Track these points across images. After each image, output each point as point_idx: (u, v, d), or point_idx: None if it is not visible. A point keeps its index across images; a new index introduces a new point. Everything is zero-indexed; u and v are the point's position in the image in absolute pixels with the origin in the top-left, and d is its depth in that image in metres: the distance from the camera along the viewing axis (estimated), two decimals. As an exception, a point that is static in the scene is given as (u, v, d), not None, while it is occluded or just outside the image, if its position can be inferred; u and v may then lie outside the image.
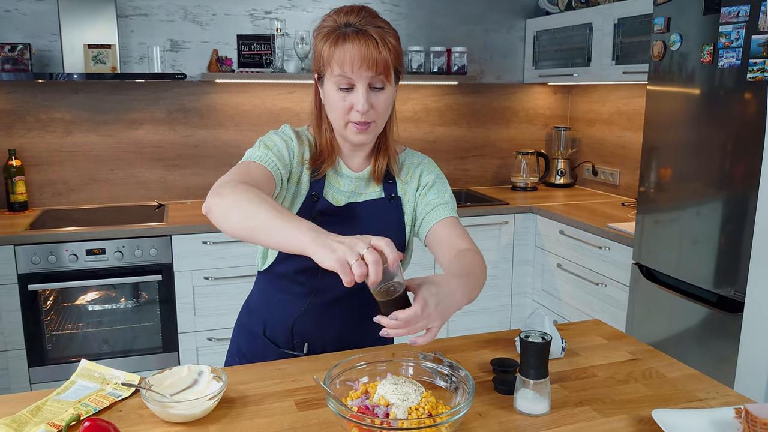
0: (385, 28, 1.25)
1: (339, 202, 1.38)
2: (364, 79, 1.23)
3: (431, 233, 1.39)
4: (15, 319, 2.73)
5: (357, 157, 1.40)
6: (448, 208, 1.41)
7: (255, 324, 1.48)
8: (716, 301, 2.26)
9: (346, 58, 1.21)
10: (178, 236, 2.88)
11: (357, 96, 1.24)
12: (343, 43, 1.22)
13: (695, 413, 1.09)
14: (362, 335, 1.44)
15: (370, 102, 1.25)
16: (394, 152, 1.41)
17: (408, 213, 1.43)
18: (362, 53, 1.20)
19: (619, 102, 3.60)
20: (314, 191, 1.35)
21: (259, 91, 3.46)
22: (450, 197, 1.44)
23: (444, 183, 1.47)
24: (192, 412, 1.11)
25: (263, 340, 1.46)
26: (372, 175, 1.40)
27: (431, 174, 1.46)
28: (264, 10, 3.40)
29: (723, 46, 2.10)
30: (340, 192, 1.38)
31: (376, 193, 1.41)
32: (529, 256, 3.46)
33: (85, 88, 3.22)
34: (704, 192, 2.27)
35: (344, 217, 1.37)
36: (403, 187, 1.43)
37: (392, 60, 1.25)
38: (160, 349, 2.97)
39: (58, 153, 3.24)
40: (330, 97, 1.27)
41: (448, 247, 1.32)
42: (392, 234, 1.39)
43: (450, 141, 3.88)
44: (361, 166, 1.40)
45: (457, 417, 1.00)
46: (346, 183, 1.39)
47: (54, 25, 3.06)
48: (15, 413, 1.13)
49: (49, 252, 2.72)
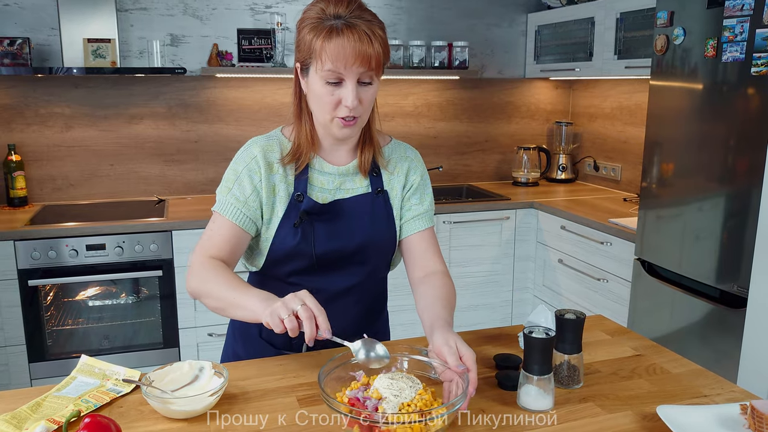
0: (373, 21, 1.22)
1: (325, 200, 1.35)
2: (354, 74, 1.20)
3: (406, 242, 1.43)
4: (15, 315, 2.72)
5: (340, 150, 1.37)
6: (426, 218, 1.43)
7: (251, 326, 1.46)
8: (719, 297, 2.25)
9: (339, 54, 1.18)
10: (179, 231, 2.87)
11: (346, 91, 1.21)
12: (336, 37, 1.18)
13: (700, 409, 1.08)
14: (359, 333, 1.43)
15: (359, 97, 1.23)
16: (378, 143, 1.39)
17: (396, 207, 1.42)
18: (356, 49, 1.18)
19: (621, 97, 3.59)
20: (298, 192, 1.33)
21: (259, 86, 3.44)
22: (430, 203, 1.45)
23: (427, 185, 1.46)
24: (193, 408, 1.10)
25: (260, 342, 1.44)
26: (359, 168, 1.37)
27: (417, 173, 1.44)
28: (264, 5, 3.38)
29: (727, 40, 2.08)
30: (324, 190, 1.36)
31: (363, 187, 1.39)
32: (531, 251, 3.45)
33: (85, 82, 3.20)
34: (707, 187, 2.26)
35: (331, 214, 1.35)
36: (390, 180, 1.41)
37: (383, 54, 1.22)
38: (160, 344, 2.96)
39: (58, 148, 3.23)
40: (317, 91, 1.24)
41: (422, 265, 1.40)
42: (383, 229, 1.38)
43: (451, 136, 3.87)
44: (345, 160, 1.38)
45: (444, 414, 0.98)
46: (330, 180, 1.36)
47: (53, 19, 3.05)
48: (15, 409, 1.12)
49: (50, 247, 2.71)
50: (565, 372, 1.21)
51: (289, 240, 1.32)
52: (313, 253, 1.33)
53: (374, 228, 1.37)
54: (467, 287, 3.38)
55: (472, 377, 1.06)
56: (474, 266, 3.38)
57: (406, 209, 1.42)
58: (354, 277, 1.39)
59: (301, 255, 1.33)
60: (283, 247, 1.33)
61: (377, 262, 1.41)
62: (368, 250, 1.37)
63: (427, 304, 1.29)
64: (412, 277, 1.41)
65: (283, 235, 1.32)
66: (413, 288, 1.38)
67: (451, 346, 1.10)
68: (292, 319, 1.05)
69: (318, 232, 1.33)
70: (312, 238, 1.32)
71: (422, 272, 1.39)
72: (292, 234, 1.32)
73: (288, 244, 1.32)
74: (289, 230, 1.32)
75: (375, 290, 1.47)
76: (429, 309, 1.27)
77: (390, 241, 1.40)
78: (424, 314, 1.27)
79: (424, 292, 1.33)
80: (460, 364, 1.08)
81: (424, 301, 1.31)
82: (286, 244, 1.33)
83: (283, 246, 1.33)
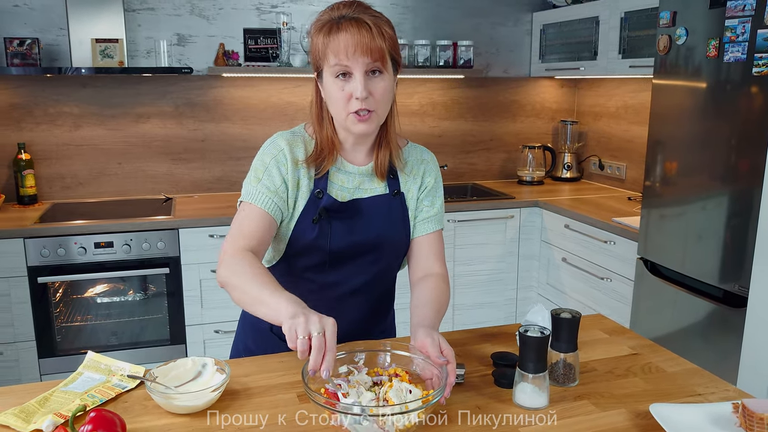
0: (380, 17, 1.26)
1: (344, 198, 1.38)
2: (360, 65, 1.23)
3: (414, 242, 1.45)
4: (25, 311, 2.77)
5: (359, 151, 1.40)
6: (435, 221, 1.45)
7: (262, 320, 1.49)
8: (721, 297, 2.26)
9: (341, 46, 1.22)
10: (185, 230, 2.90)
11: (355, 83, 1.24)
12: (337, 32, 1.23)
13: (693, 407, 1.10)
14: (370, 330, 1.46)
15: (369, 89, 1.25)
16: (396, 145, 1.41)
17: (412, 209, 1.45)
18: (356, 39, 1.21)
19: (626, 96, 3.59)
20: (318, 189, 1.36)
21: (265, 85, 3.47)
22: (440, 206, 1.48)
23: (439, 188, 1.49)
24: (195, 404, 1.13)
25: (271, 336, 1.47)
26: (375, 170, 1.40)
27: (432, 176, 1.47)
28: (270, 4, 3.41)
29: (729, 40, 2.09)
30: (344, 189, 1.39)
31: (381, 188, 1.41)
32: (535, 250, 3.46)
33: (93, 82, 3.24)
34: (709, 187, 2.26)
35: (349, 212, 1.37)
36: (406, 183, 1.44)
37: (387, 47, 1.25)
38: (167, 341, 3.00)
39: (67, 147, 3.27)
40: (329, 89, 1.28)
41: (423, 267, 1.43)
42: (397, 229, 1.41)
43: (456, 135, 3.89)
44: (364, 161, 1.41)
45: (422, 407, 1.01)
46: (350, 179, 1.39)
47: (62, 19, 3.09)
48: (23, 403, 1.15)
49: (59, 245, 2.75)
50: (561, 370, 1.23)
51: (308, 234, 1.35)
52: (329, 248, 1.35)
53: (389, 227, 1.40)
54: (472, 285, 3.40)
55: (450, 368, 1.10)
56: (478, 265, 3.39)
57: (418, 211, 1.45)
58: (366, 275, 1.42)
59: (318, 250, 1.36)
60: (302, 242, 1.36)
61: (390, 260, 1.44)
62: (382, 248, 1.40)
63: (418, 305, 1.32)
64: (412, 277, 1.44)
65: (302, 230, 1.35)
66: (411, 288, 1.41)
67: (434, 339, 1.14)
68: (305, 342, 1.03)
69: (335, 228, 1.36)
70: (329, 235, 1.35)
71: (422, 273, 1.42)
72: (311, 229, 1.35)
73: (306, 239, 1.35)
74: (308, 225, 1.35)
75: (385, 289, 1.50)
76: (418, 309, 1.30)
77: (404, 240, 1.43)
78: (413, 314, 1.30)
79: (419, 294, 1.36)
80: (441, 356, 1.11)
81: (416, 301, 1.34)
82: (304, 239, 1.35)
83: (301, 240, 1.36)
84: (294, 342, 1.03)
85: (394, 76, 1.32)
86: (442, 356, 1.11)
